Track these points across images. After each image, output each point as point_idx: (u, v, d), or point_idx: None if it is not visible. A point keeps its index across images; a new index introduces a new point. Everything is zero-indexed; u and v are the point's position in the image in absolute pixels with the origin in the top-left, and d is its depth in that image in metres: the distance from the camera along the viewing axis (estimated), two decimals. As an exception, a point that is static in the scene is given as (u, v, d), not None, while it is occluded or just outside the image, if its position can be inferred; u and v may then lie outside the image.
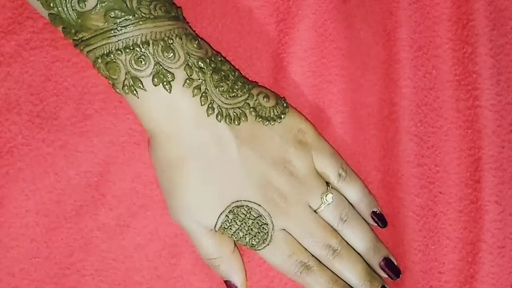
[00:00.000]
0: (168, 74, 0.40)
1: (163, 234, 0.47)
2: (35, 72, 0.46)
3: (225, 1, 0.48)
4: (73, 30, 0.39)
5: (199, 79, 0.41)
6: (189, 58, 0.41)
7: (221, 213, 0.43)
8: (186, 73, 0.41)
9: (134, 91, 0.40)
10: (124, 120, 0.47)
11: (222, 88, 0.42)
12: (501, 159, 0.47)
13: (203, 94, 0.41)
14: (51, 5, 0.39)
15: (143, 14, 0.39)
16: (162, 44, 0.40)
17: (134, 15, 0.39)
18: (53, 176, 0.46)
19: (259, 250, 0.45)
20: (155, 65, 0.40)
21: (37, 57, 0.46)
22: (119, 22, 0.39)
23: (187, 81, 0.41)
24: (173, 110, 0.41)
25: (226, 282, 0.45)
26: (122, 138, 0.47)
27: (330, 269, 0.45)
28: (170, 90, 0.40)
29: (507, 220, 0.47)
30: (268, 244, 0.44)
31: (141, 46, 0.39)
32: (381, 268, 0.46)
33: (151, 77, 0.40)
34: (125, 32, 0.39)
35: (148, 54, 0.39)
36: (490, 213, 0.46)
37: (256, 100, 0.44)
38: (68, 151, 0.46)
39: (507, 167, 0.47)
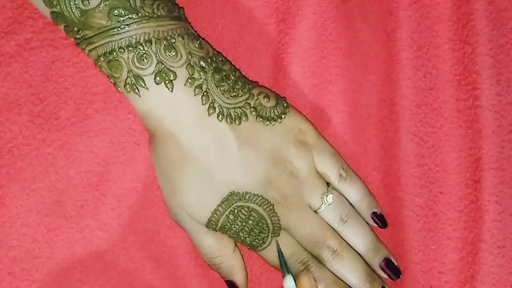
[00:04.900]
0: (170, 73, 0.40)
1: (164, 234, 0.47)
2: (35, 72, 0.46)
3: (225, 1, 0.48)
4: (75, 28, 0.39)
5: (201, 79, 0.41)
6: (191, 57, 0.41)
7: (221, 214, 0.43)
8: (188, 72, 0.41)
9: (136, 90, 0.40)
10: (124, 120, 0.47)
11: (223, 87, 0.42)
12: (501, 159, 0.47)
13: (205, 93, 0.41)
14: (54, 3, 0.39)
15: (146, 13, 0.39)
16: (164, 43, 0.40)
17: (138, 14, 0.39)
18: (54, 176, 0.46)
19: (259, 250, 0.45)
20: (157, 63, 0.40)
21: (37, 57, 0.46)
22: (123, 21, 0.39)
23: (189, 80, 0.41)
24: (174, 109, 0.41)
25: (227, 281, 0.45)
26: (122, 138, 0.47)
27: (330, 270, 0.45)
28: (172, 89, 0.40)
29: (507, 220, 0.47)
30: (268, 245, 0.44)
31: (144, 44, 0.39)
32: (381, 269, 0.46)
33: (153, 75, 0.40)
34: (128, 31, 0.39)
35: (151, 53, 0.39)
36: (490, 213, 0.47)
37: (256, 100, 0.44)
38: (69, 151, 0.46)
39: (507, 167, 0.47)
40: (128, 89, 0.40)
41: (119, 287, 0.47)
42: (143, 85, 0.40)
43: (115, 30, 0.39)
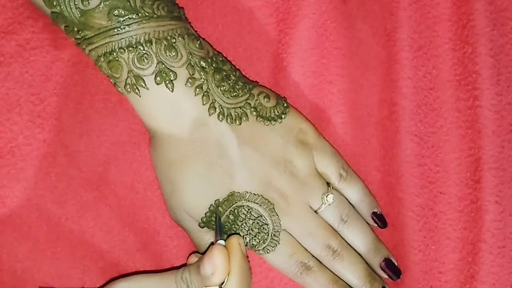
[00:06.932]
0: (170, 73, 0.40)
1: (164, 234, 0.47)
2: (36, 72, 0.46)
3: (225, 1, 0.48)
4: (75, 29, 0.39)
5: (201, 79, 0.41)
6: (191, 57, 0.41)
7: (222, 213, 0.43)
8: (188, 72, 0.41)
9: (136, 90, 0.40)
10: (124, 120, 0.47)
11: (224, 87, 0.42)
12: (501, 159, 0.47)
13: (205, 93, 0.41)
14: (54, 3, 0.39)
15: (146, 13, 0.39)
16: (165, 43, 0.40)
17: (138, 14, 0.39)
18: (54, 176, 0.46)
19: (259, 250, 0.45)
20: (157, 63, 0.40)
21: (38, 57, 0.46)
22: (123, 21, 0.39)
23: (189, 80, 0.41)
24: (174, 109, 0.41)
25: (227, 281, 0.45)
26: (122, 138, 0.47)
27: (330, 270, 0.45)
28: (172, 89, 0.40)
29: (507, 220, 0.47)
30: (268, 245, 0.44)
31: (144, 44, 0.39)
32: (382, 269, 0.46)
33: (153, 75, 0.40)
34: (128, 31, 0.39)
35: (151, 53, 0.40)
36: (490, 213, 0.47)
37: (257, 100, 0.44)
38: (69, 151, 0.46)
39: (507, 167, 0.47)
40: (129, 89, 0.40)
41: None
42: (144, 85, 0.40)
43: (115, 30, 0.39)
